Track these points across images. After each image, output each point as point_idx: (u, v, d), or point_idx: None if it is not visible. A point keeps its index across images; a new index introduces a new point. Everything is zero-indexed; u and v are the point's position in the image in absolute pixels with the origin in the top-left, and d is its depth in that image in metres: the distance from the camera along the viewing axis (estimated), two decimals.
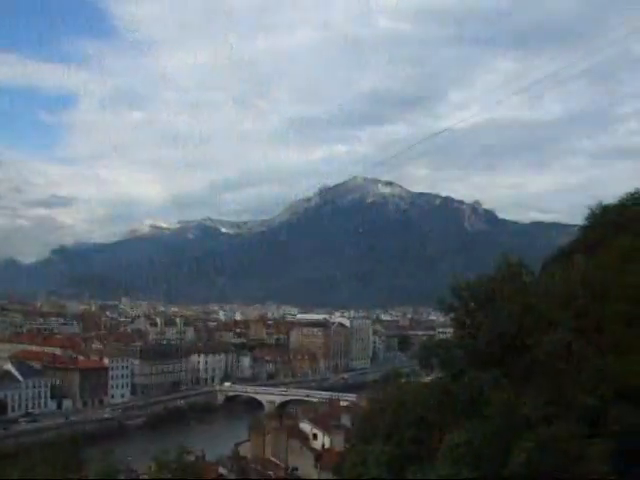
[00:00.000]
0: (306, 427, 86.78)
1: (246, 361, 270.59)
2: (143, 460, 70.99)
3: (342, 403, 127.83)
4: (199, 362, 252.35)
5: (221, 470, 76.07)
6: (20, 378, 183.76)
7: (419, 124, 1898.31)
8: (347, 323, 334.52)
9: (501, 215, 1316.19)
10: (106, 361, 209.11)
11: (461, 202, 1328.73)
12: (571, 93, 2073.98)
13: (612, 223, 66.08)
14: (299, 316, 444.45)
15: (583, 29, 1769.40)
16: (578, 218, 75.58)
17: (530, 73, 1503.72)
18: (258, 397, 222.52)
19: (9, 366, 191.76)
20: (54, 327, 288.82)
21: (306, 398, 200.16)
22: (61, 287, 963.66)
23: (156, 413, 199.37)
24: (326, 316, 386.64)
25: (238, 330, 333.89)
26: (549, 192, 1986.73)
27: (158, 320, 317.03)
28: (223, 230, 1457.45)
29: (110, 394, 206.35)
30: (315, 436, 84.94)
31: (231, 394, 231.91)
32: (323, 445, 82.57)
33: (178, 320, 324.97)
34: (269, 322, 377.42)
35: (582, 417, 36.82)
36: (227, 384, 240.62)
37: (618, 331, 39.18)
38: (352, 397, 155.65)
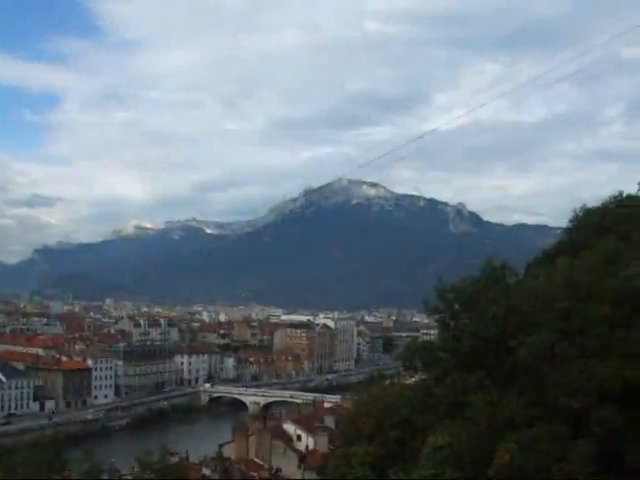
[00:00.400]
0: (290, 428, 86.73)
1: (230, 362, 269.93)
2: (127, 461, 70.89)
3: (326, 404, 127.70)
4: (183, 363, 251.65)
5: (205, 471, 75.96)
6: (3, 379, 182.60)
7: (405, 126, 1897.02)
8: (331, 324, 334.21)
9: (486, 217, 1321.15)
10: (89, 362, 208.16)
11: (446, 204, 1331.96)
12: (556, 96, 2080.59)
13: (595, 226, 66.54)
14: (283, 317, 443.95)
15: (568, 33, 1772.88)
16: (562, 221, 76.12)
17: (515, 76, 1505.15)
18: (242, 398, 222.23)
19: None
20: (37, 327, 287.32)
21: (290, 399, 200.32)
22: (44, 287, 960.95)
23: (140, 414, 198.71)
24: (310, 317, 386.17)
25: (222, 331, 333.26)
26: (534, 194, 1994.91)
27: (142, 321, 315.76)
28: (208, 231, 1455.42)
29: (93, 395, 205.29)
30: (299, 437, 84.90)
31: (215, 395, 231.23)
32: (307, 446, 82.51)
33: (162, 321, 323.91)
34: (253, 323, 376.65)
35: (565, 419, 37.02)
36: (207, 385, 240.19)
37: (601, 333, 39.38)
38: (336, 398, 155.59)
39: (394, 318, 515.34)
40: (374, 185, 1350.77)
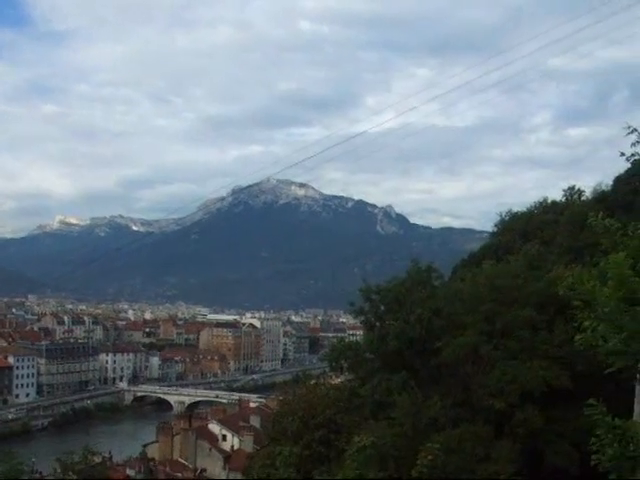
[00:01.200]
0: (215, 428, 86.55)
1: (155, 361, 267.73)
2: (48, 462, 69.89)
3: (252, 404, 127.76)
4: (107, 361, 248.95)
5: (129, 471, 75.36)
6: None
7: (335, 127, 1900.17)
8: (258, 324, 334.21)
9: (413, 220, 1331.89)
10: (11, 360, 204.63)
11: (374, 206, 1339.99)
12: (485, 102, 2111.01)
13: (521, 230, 67.78)
14: (210, 316, 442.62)
15: (497, 40, 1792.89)
16: (488, 224, 77.28)
17: (446, 81, 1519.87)
18: (167, 397, 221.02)
19: None
20: None
21: (216, 399, 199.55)
22: None
23: (62, 413, 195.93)
24: (237, 317, 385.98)
25: (147, 329, 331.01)
26: (461, 198, 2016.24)
27: (66, 318, 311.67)
28: (134, 228, 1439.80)
29: (15, 394, 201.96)
30: (224, 437, 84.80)
31: (139, 394, 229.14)
32: (232, 446, 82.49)
33: (86, 318, 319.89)
34: (179, 322, 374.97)
35: (489, 419, 37.58)
36: (121, 384, 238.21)
37: (525, 336, 40.07)
38: (262, 398, 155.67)
39: (320, 318, 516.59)
40: (303, 185, 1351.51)
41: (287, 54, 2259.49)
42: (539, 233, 64.13)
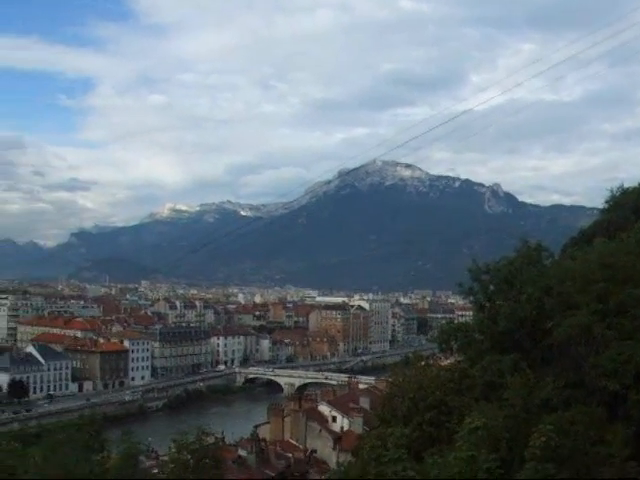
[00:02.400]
0: (325, 409, 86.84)
1: (265, 343, 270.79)
2: (163, 441, 71.33)
3: (361, 386, 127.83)
4: (218, 344, 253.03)
5: (240, 452, 76.19)
6: (42, 360, 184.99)
7: (440, 106, 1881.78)
8: (366, 306, 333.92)
9: (521, 198, 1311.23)
10: (126, 344, 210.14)
11: (481, 185, 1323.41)
12: (592, 75, 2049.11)
13: (633, 206, 65.69)
14: (318, 299, 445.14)
15: (605, 10, 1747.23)
16: (599, 201, 75.13)
17: (552, 55, 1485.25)
18: (277, 379, 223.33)
19: (31, 348, 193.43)
20: (75, 310, 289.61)
21: (325, 381, 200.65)
22: (81, 270, 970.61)
23: (176, 395, 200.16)
24: (345, 299, 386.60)
25: (257, 313, 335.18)
26: (570, 175, 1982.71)
27: (178, 303, 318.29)
28: (242, 213, 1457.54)
29: (130, 376, 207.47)
30: (334, 418, 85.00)
31: (250, 376, 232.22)
32: (342, 427, 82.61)
33: (198, 303, 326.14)
34: (288, 305, 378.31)
35: (602, 401, 36.69)
36: (221, 367, 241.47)
37: (639, 315, 38.92)
38: (371, 380, 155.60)
39: (429, 300, 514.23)
40: (409, 166, 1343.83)
41: (389, 35, 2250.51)
42: None
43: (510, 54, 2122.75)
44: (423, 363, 59.53)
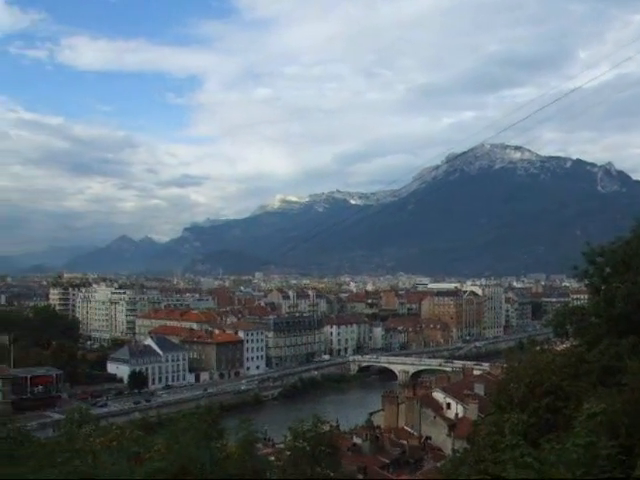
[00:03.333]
0: (439, 396, 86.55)
1: (378, 331, 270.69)
2: (279, 430, 72.06)
3: (475, 372, 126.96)
4: (332, 333, 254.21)
5: (355, 439, 76.61)
6: (160, 352, 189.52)
7: (548, 86, 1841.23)
8: (479, 291, 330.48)
9: (636, 176, 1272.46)
10: (241, 334, 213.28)
11: (593, 164, 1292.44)
12: None
13: None
14: (430, 285, 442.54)
15: None
16: None
17: None
18: (391, 367, 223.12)
19: (149, 341, 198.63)
20: (190, 303, 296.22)
21: (439, 367, 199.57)
22: (195, 264, 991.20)
23: (291, 384, 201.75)
24: (457, 285, 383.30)
25: (370, 301, 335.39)
26: None
27: (290, 293, 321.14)
28: (352, 202, 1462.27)
29: (246, 366, 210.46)
30: (448, 405, 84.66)
31: (364, 364, 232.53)
32: (457, 414, 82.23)
33: (310, 292, 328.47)
34: (400, 292, 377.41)
35: None
36: (326, 357, 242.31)
37: None
38: (485, 366, 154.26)
39: (543, 284, 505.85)
40: (518, 148, 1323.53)
41: (492, 16, 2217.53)
42: None
43: (619, 27, 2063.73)
44: (538, 348, 58.61)
